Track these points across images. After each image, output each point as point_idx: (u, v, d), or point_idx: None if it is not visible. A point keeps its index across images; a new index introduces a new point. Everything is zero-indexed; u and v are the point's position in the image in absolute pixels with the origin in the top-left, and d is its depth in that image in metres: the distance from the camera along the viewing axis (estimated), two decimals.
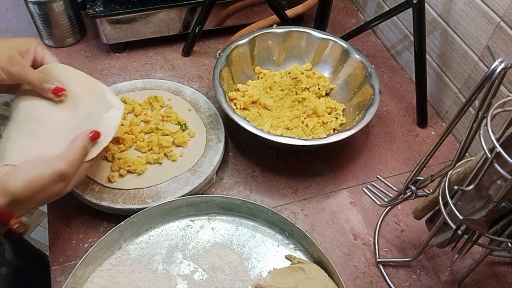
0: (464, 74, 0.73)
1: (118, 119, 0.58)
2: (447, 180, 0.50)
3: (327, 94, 0.79)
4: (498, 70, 0.38)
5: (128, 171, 0.64)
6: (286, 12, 0.83)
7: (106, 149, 0.61)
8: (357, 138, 0.76)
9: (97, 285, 0.55)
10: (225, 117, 0.71)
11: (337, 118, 0.74)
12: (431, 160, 0.52)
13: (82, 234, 0.62)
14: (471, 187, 0.45)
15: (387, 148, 0.76)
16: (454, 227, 0.48)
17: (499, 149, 0.40)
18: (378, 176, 0.63)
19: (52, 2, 0.79)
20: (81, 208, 0.63)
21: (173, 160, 0.66)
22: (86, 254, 0.54)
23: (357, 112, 0.72)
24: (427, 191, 0.54)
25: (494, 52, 0.65)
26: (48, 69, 0.59)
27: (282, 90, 0.77)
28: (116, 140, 0.67)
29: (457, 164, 0.48)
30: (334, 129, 0.73)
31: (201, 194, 0.66)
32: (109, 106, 0.59)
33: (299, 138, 0.64)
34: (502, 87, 0.55)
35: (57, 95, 0.58)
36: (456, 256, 0.54)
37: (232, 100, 0.74)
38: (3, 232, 0.51)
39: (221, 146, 0.68)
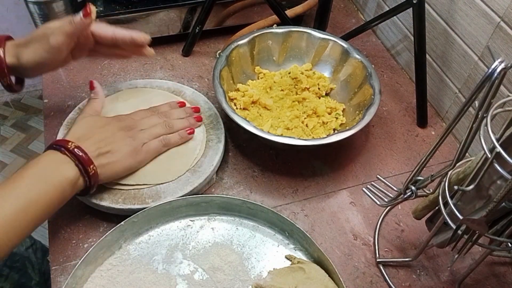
0: (464, 74, 0.73)
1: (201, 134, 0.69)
2: (447, 180, 0.50)
3: (327, 94, 0.79)
4: (498, 70, 0.38)
5: None
6: (286, 12, 0.83)
7: None
8: (357, 138, 0.76)
9: (97, 285, 0.55)
10: (225, 117, 0.71)
11: (337, 118, 0.74)
12: (431, 160, 0.52)
13: (82, 234, 0.62)
14: (471, 187, 0.45)
15: (387, 148, 0.76)
16: (454, 227, 0.48)
17: (499, 149, 0.40)
18: (378, 176, 0.63)
19: (52, 2, 0.79)
20: (81, 208, 0.63)
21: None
22: (86, 254, 0.54)
23: (357, 112, 0.72)
24: (427, 191, 0.54)
25: (494, 52, 0.66)
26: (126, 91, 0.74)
27: (282, 90, 0.77)
28: None
29: (457, 164, 0.48)
30: (334, 129, 0.73)
31: (201, 194, 0.66)
32: None
33: (299, 138, 0.64)
34: (502, 87, 0.55)
35: (86, 15, 0.60)
36: (456, 256, 0.54)
37: (232, 100, 0.74)
38: (83, 187, 0.56)
39: (221, 146, 0.68)
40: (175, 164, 0.65)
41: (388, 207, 0.67)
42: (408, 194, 0.56)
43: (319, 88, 0.77)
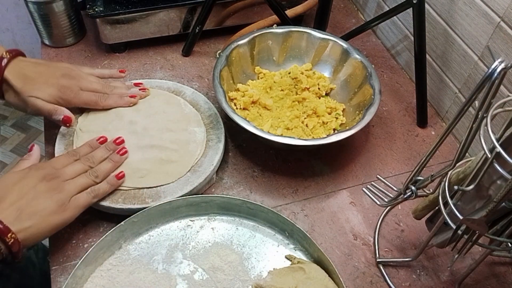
0: (464, 74, 0.73)
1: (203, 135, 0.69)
2: (447, 180, 0.50)
3: (327, 94, 0.79)
4: (498, 70, 0.38)
5: None
6: (286, 12, 0.83)
7: None
8: (357, 138, 0.76)
9: (97, 285, 0.55)
10: (225, 117, 0.71)
11: (337, 118, 0.74)
12: (431, 160, 0.52)
13: (82, 234, 0.62)
14: (471, 187, 0.45)
15: (387, 148, 0.76)
16: (454, 227, 0.48)
17: (499, 149, 0.40)
18: (378, 176, 0.63)
19: (52, 2, 0.79)
20: None
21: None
22: (86, 254, 0.54)
23: (357, 112, 0.72)
24: (427, 191, 0.54)
25: (494, 52, 0.66)
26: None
27: (282, 90, 0.77)
28: None
29: (457, 164, 0.48)
30: (334, 129, 0.73)
31: (201, 194, 0.66)
32: (188, 118, 0.70)
33: (299, 138, 0.64)
34: (502, 87, 0.55)
35: (64, 123, 0.66)
36: (456, 256, 0.54)
37: (232, 100, 0.74)
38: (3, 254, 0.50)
39: (221, 146, 0.68)
40: (176, 166, 0.65)
41: (388, 207, 0.67)
42: (408, 194, 0.56)
43: (319, 88, 0.77)
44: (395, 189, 0.60)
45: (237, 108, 0.73)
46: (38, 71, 0.64)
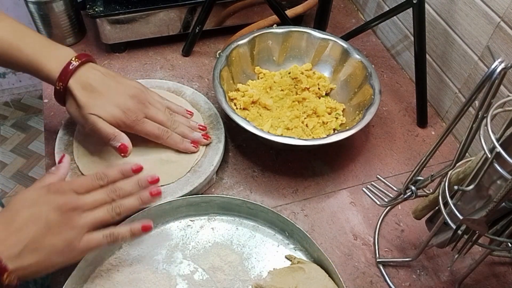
0: (464, 74, 0.73)
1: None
2: (447, 180, 0.50)
3: (327, 94, 0.79)
4: (498, 70, 0.38)
5: None
6: (286, 12, 0.83)
7: None
8: (357, 138, 0.76)
9: (97, 285, 0.55)
10: (225, 117, 0.71)
11: (337, 118, 0.74)
12: (431, 160, 0.52)
13: None
14: (471, 187, 0.45)
15: (387, 148, 0.76)
16: (454, 227, 0.48)
17: (499, 149, 0.40)
18: (378, 176, 0.63)
19: (52, 2, 0.79)
20: None
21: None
22: (86, 254, 0.54)
23: (357, 112, 0.72)
24: (427, 191, 0.54)
25: (494, 52, 0.66)
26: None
27: (282, 90, 0.77)
28: None
29: (457, 164, 0.48)
30: (334, 129, 0.73)
31: (201, 194, 0.66)
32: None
33: (299, 138, 0.64)
34: (502, 87, 0.55)
35: (120, 152, 0.60)
36: (456, 256, 0.54)
37: (232, 100, 0.74)
38: None
39: (221, 146, 0.68)
40: (176, 167, 0.65)
41: (388, 207, 0.67)
42: (408, 194, 0.56)
43: (319, 88, 0.77)
44: (395, 189, 0.60)
45: (237, 108, 0.73)
46: (106, 84, 0.59)
